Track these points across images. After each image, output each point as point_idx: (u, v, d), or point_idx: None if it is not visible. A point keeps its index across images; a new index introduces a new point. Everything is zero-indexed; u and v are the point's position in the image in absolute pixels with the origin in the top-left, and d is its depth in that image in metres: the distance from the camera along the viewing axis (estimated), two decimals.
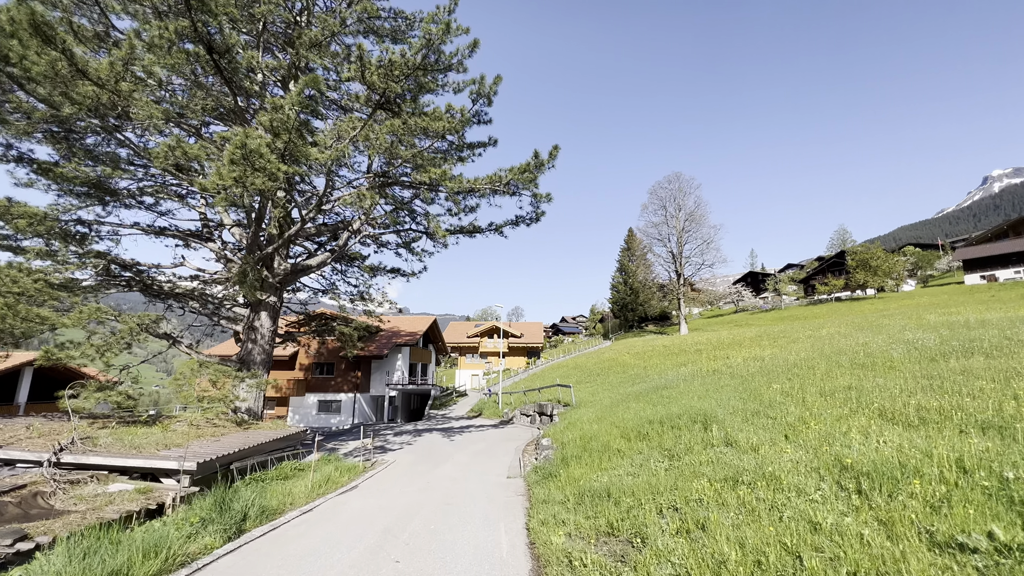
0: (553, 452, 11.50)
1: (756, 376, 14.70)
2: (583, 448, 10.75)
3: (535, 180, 12.80)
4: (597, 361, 34.76)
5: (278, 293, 16.76)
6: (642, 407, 14.01)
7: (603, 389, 22.18)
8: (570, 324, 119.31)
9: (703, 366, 20.79)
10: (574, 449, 10.84)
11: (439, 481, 10.74)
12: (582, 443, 11.21)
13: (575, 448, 10.93)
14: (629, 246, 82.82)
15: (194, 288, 16.19)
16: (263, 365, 16.03)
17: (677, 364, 24.13)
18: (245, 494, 7.61)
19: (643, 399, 15.74)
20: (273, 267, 16.73)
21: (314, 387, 38.39)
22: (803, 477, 5.25)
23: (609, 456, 9.62)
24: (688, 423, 9.96)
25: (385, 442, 21.63)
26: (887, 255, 69.86)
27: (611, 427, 12.07)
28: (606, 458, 9.52)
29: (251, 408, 15.38)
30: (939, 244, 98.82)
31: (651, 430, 10.34)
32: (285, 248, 16.92)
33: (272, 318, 16.48)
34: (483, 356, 62.71)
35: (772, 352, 20.37)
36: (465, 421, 26.93)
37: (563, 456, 10.35)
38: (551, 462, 10.46)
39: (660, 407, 13.04)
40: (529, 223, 14.77)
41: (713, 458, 7.17)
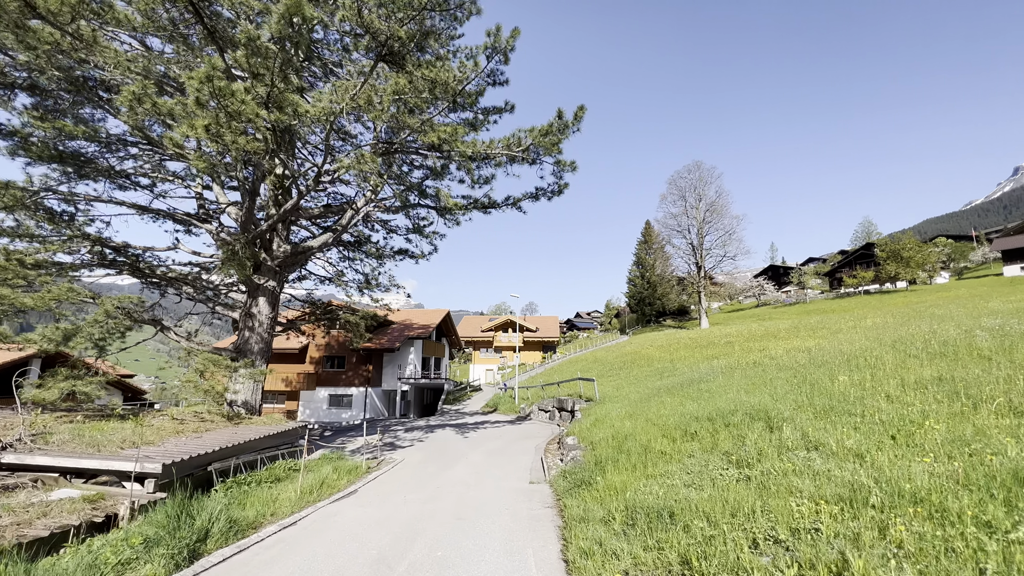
0: (582, 453, 9.95)
1: (809, 368, 12.95)
2: (618, 449, 9.19)
3: (558, 144, 11.21)
4: (618, 355, 33.04)
5: (277, 277, 15.47)
6: (680, 402, 12.38)
7: (628, 383, 20.54)
8: (585, 320, 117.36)
9: (740, 358, 19.01)
10: (607, 450, 9.27)
11: (450, 486, 9.28)
12: (616, 443, 9.64)
13: (608, 448, 9.37)
14: (646, 239, 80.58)
15: (188, 273, 14.96)
16: (261, 355, 14.76)
17: (708, 357, 22.35)
18: (214, 503, 6.24)
19: (678, 393, 14.10)
20: (272, 249, 15.44)
21: (325, 381, 37.40)
22: (970, 498, 3.62)
23: (652, 459, 8.04)
24: (746, 421, 8.34)
25: (395, 439, 20.33)
26: (919, 245, 66.45)
27: (648, 424, 10.48)
28: (649, 462, 7.95)
29: (247, 401, 14.13)
30: (973, 235, 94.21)
31: (700, 429, 8.73)
32: (284, 227, 15.61)
33: (271, 304, 15.20)
34: (497, 351, 61.32)
35: (816, 343, 18.49)
36: (480, 417, 25.53)
37: (596, 458, 8.79)
38: (582, 465, 8.92)
39: (703, 402, 11.41)
40: (551, 196, 13.17)
41: (800, 466, 5.55)
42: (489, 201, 13.64)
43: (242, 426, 10.99)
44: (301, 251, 15.37)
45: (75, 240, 12.76)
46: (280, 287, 15.81)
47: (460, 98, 12.37)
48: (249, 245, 13.00)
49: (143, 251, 15.03)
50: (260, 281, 15.00)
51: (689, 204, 65.89)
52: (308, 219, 17.67)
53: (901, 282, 68.31)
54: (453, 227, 17.50)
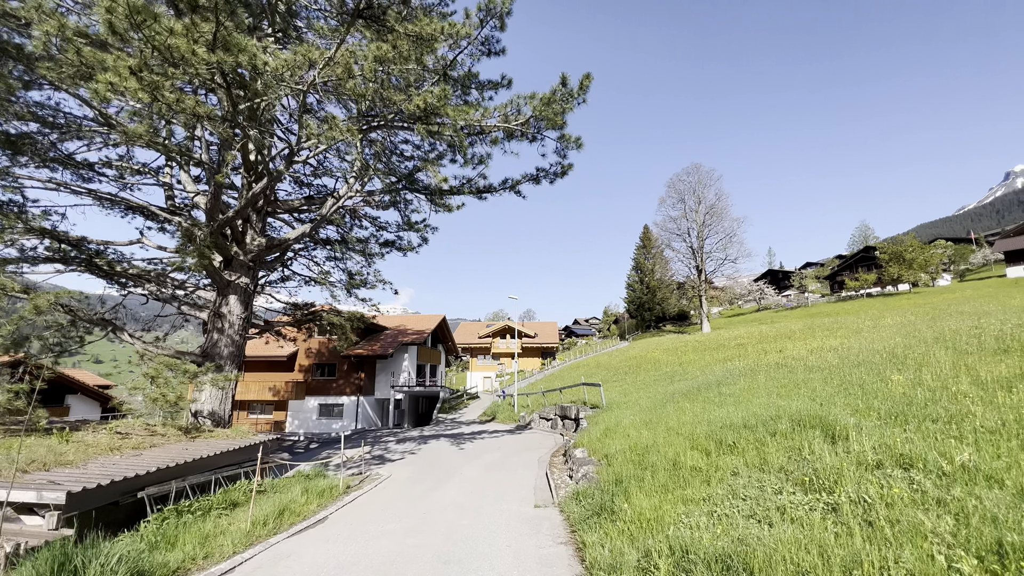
0: (595, 469, 8.45)
1: (845, 368, 11.54)
2: (639, 464, 7.70)
3: (562, 115, 9.83)
4: (622, 359, 31.54)
5: (251, 274, 13.98)
6: (702, 408, 10.92)
7: (636, 388, 19.05)
8: (583, 326, 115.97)
9: (757, 360, 17.58)
10: (627, 465, 7.78)
11: (440, 512, 7.75)
12: (636, 456, 8.16)
13: (627, 464, 7.88)
14: (645, 243, 79.47)
15: (151, 269, 13.44)
16: (232, 359, 13.22)
17: (720, 359, 20.91)
18: (123, 546, 4.73)
19: (696, 398, 12.65)
20: (244, 242, 13.96)
21: (314, 390, 35.71)
22: None
23: (684, 478, 6.56)
24: (796, 429, 6.89)
25: (385, 451, 18.75)
26: (922, 246, 65.47)
27: (670, 434, 9.00)
28: (682, 481, 6.47)
29: (214, 411, 12.57)
30: (972, 237, 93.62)
31: (738, 439, 7.26)
32: (259, 219, 14.14)
33: (244, 303, 13.69)
34: (495, 357, 59.68)
35: (840, 343, 17.09)
36: (477, 426, 23.95)
37: (614, 476, 7.30)
38: (597, 485, 7.43)
39: (731, 408, 9.95)
40: (553, 178, 11.78)
41: (908, 493, 4.10)
42: (485, 185, 12.23)
43: (199, 441, 9.46)
44: (277, 244, 13.90)
45: (13, 230, 11.26)
46: (254, 285, 14.31)
47: (452, 70, 11.01)
48: (217, 234, 11.53)
49: (102, 246, 13.53)
50: (231, 277, 13.51)
51: (689, 207, 64.85)
52: (288, 212, 16.22)
53: (903, 285, 67.35)
54: (445, 215, 16.06)
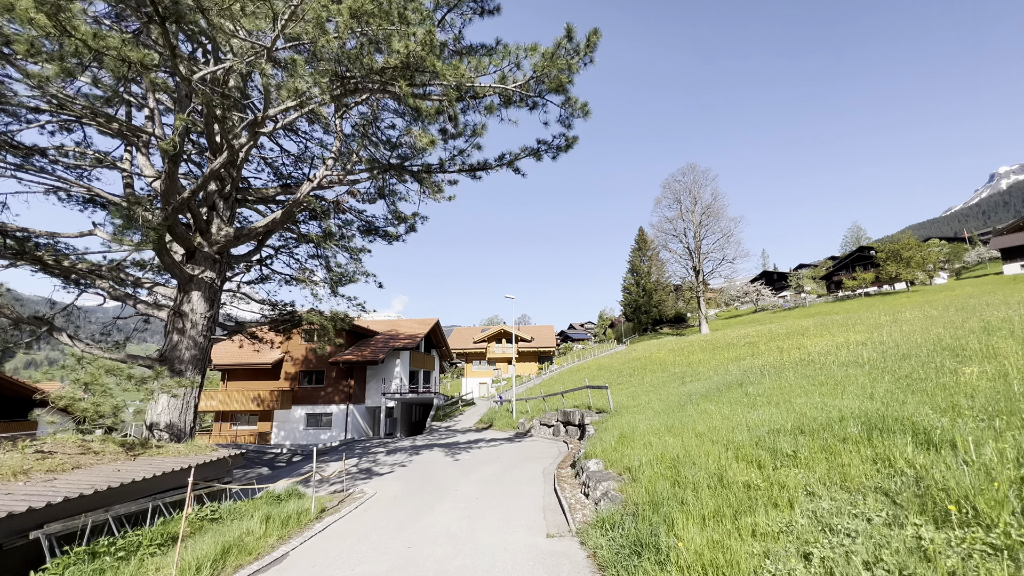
0: (618, 486, 7.00)
1: (892, 362, 10.20)
2: (674, 480, 6.26)
3: (568, 73, 8.44)
4: (624, 361, 30.13)
5: (217, 268, 12.45)
6: (731, 410, 9.52)
7: (645, 391, 17.63)
8: (578, 331, 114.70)
9: (776, 358, 16.24)
10: (659, 482, 6.32)
11: (428, 544, 6.26)
12: (667, 471, 6.71)
13: (660, 480, 6.42)
14: (640, 245, 78.56)
15: (102, 264, 11.88)
16: (194, 364, 11.66)
17: (733, 358, 19.57)
18: None
19: (719, 399, 11.26)
20: (210, 232, 12.44)
21: (301, 399, 33.96)
22: None
23: (739, 499, 5.13)
24: (872, 435, 5.50)
25: (373, 463, 17.18)
26: (920, 245, 65.06)
27: (703, 442, 7.58)
28: (736, 503, 5.03)
29: (173, 424, 10.98)
30: (965, 236, 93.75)
31: (798, 447, 5.86)
32: (227, 206, 12.64)
33: (208, 301, 12.14)
34: (491, 363, 58.08)
35: (866, 337, 15.78)
36: (473, 434, 22.40)
37: (648, 497, 5.84)
38: (625, 508, 5.98)
39: (768, 409, 8.57)
40: (556, 152, 10.39)
41: None
42: (479, 161, 10.82)
43: (142, 459, 7.92)
44: (247, 234, 12.38)
45: None
46: (221, 280, 12.77)
47: (440, 29, 9.62)
48: (174, 219, 10.02)
49: (47, 237, 11.97)
50: (194, 271, 11.98)
51: (685, 207, 64.03)
52: (262, 202, 14.72)
53: (899, 284, 66.97)
54: (437, 207, 14.66)
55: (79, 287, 12.30)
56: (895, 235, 77.68)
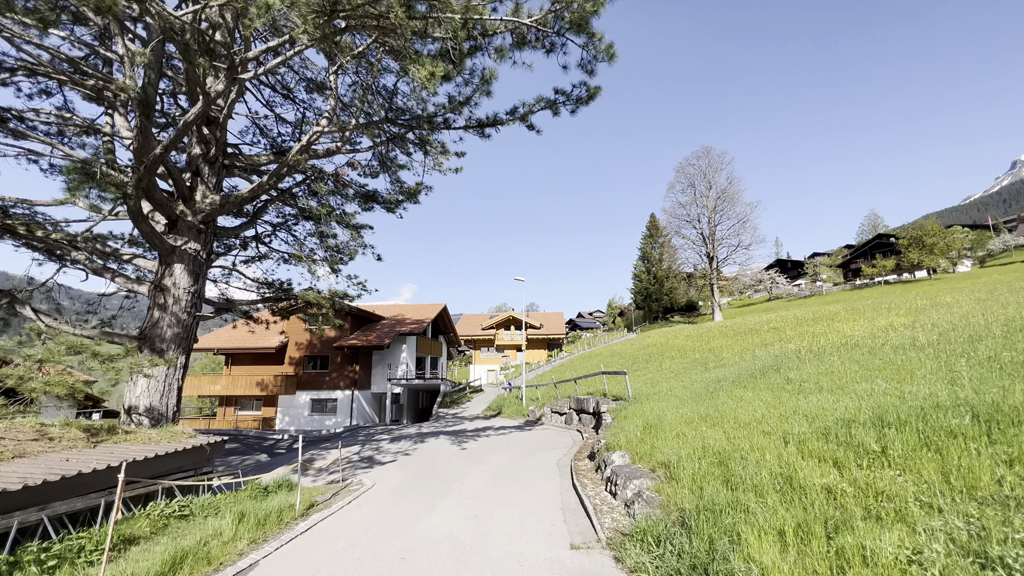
0: (653, 485, 5.87)
1: (960, 345, 8.93)
2: (726, 480, 5.12)
3: (593, 5, 7.12)
4: (638, 347, 28.92)
5: (203, 239, 11.41)
6: (775, 398, 8.35)
7: (665, 377, 16.46)
8: (587, 319, 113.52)
9: (809, 343, 14.95)
10: (708, 483, 5.18)
11: (426, 556, 5.19)
12: (715, 468, 5.56)
13: (708, 480, 5.28)
14: (652, 232, 76.90)
15: (77, 234, 10.87)
16: (177, 343, 10.68)
17: (758, 344, 18.30)
18: None
19: (755, 386, 10.08)
20: (193, 200, 11.37)
21: (306, 384, 33.24)
22: None
23: (822, 508, 3.98)
24: (990, 428, 4.30)
25: (376, 451, 16.27)
26: (943, 231, 62.69)
27: (750, 433, 6.42)
28: (821, 515, 3.87)
29: (152, 407, 10.03)
30: (989, 224, 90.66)
31: (886, 443, 4.67)
32: (212, 171, 11.53)
33: (193, 274, 11.12)
34: (499, 350, 57.15)
35: (911, 320, 14.41)
36: (481, 422, 21.43)
37: (701, 503, 4.68)
38: (668, 514, 4.85)
39: (822, 396, 7.39)
40: (576, 104, 9.09)
41: None
42: (488, 116, 9.54)
43: (102, 447, 6.95)
44: (233, 202, 11.29)
45: None
46: (207, 253, 11.73)
47: None
48: (150, 180, 8.94)
49: (22, 206, 10.97)
50: (176, 242, 10.94)
51: (699, 192, 62.15)
52: (253, 170, 13.60)
53: (920, 272, 64.91)
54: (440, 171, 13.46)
55: (58, 261, 11.33)
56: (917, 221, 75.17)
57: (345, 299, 14.78)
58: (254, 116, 16.86)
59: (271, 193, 15.61)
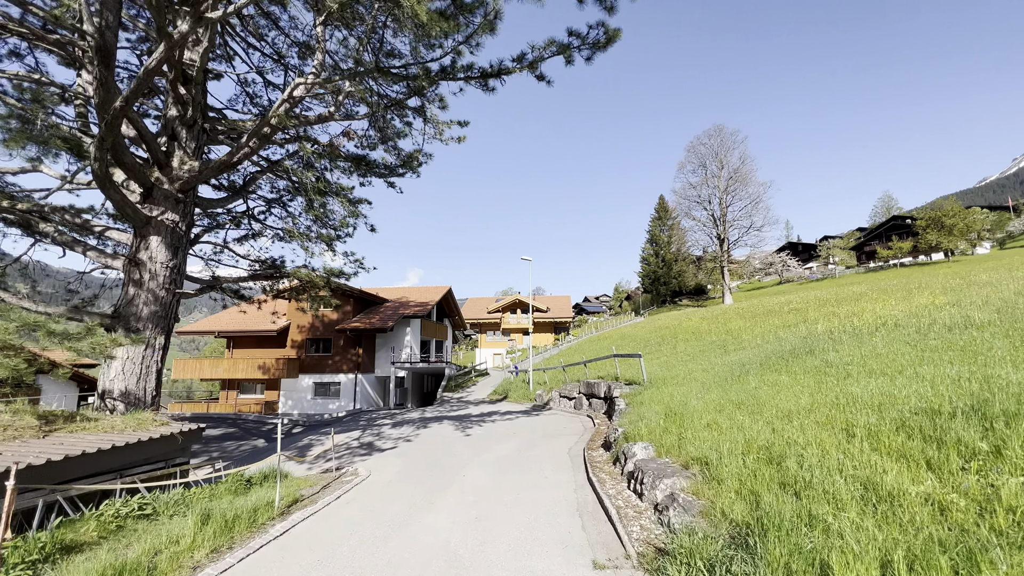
0: (687, 485, 4.93)
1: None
2: (783, 484, 4.16)
3: None
4: (650, 330, 27.92)
5: (182, 209, 10.46)
6: (817, 383, 7.35)
7: (681, 361, 15.49)
8: (593, 304, 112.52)
9: (840, 324, 13.85)
10: (763, 485, 4.23)
11: (418, 573, 4.30)
12: (770, 469, 4.59)
13: (760, 481, 4.32)
14: (660, 214, 75.22)
15: (44, 205, 9.94)
16: (155, 321, 9.81)
17: (781, 326, 17.22)
18: None
19: (788, 370, 9.08)
20: (170, 166, 10.39)
21: (308, 367, 32.64)
22: None
23: (929, 526, 3.02)
24: None
25: (376, 436, 15.53)
26: (963, 211, 60.54)
27: (804, 424, 5.43)
28: (937, 535, 2.91)
29: (128, 391, 9.21)
30: (1009, 205, 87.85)
31: (999, 441, 3.66)
32: (189, 135, 10.52)
33: (171, 248, 10.20)
34: (506, 333, 56.41)
35: (949, 299, 13.27)
36: (487, 406, 20.64)
37: (763, 514, 3.73)
38: (716, 525, 3.90)
39: (881, 381, 6.37)
40: (591, 50, 7.87)
41: None
42: (492, 65, 8.37)
43: (53, 437, 6.08)
44: (214, 167, 10.30)
45: None
46: (187, 225, 10.79)
47: None
48: (112, 135, 7.95)
49: None
50: (152, 213, 10.00)
51: (710, 172, 60.35)
52: (238, 136, 12.55)
53: (936, 254, 63.11)
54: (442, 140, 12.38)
55: (28, 234, 10.44)
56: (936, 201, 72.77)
57: (341, 277, 13.84)
58: (243, 82, 15.77)
59: (261, 164, 14.62)
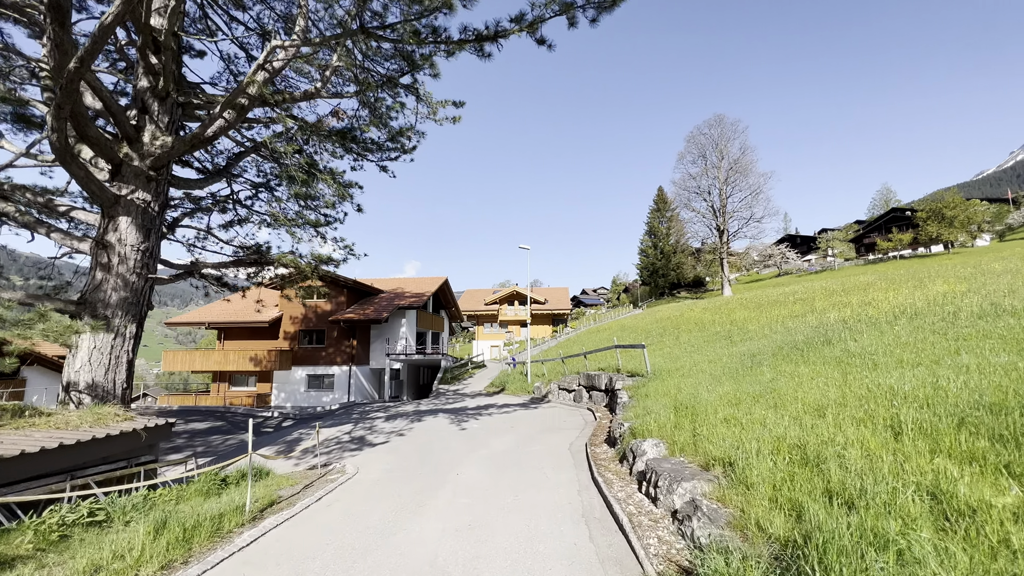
0: (710, 490, 4.30)
1: None
2: (828, 492, 3.53)
3: None
4: (650, 321, 27.32)
5: (154, 188, 9.72)
6: (844, 375, 6.72)
7: (685, 352, 14.88)
8: (591, 296, 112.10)
9: (853, 313, 13.26)
10: (804, 493, 3.61)
11: None
12: (805, 474, 3.95)
13: (799, 489, 3.70)
14: (659, 206, 74.51)
15: (3, 183, 9.19)
16: (125, 309, 9.11)
17: (788, 316, 16.62)
18: None
19: (804, 360, 8.48)
20: (141, 140, 9.63)
21: (302, 359, 31.99)
22: None
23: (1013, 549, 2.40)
24: None
25: (368, 430, 14.92)
26: (964, 203, 60.12)
27: (838, 420, 4.81)
28: (1017, 563, 2.30)
29: (95, 382, 8.53)
30: (1009, 198, 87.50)
31: None
32: (162, 108, 9.76)
33: (142, 230, 9.47)
34: (503, 325, 55.80)
35: (968, 287, 12.68)
36: (483, 399, 20.05)
37: (804, 530, 3.10)
38: (751, 543, 3.28)
39: (917, 372, 5.75)
40: (597, 10, 7.14)
41: None
42: (488, 26, 7.59)
43: None
44: (188, 141, 9.54)
45: None
46: (162, 206, 10.06)
47: None
48: (69, 100, 7.21)
49: None
50: (120, 191, 9.26)
51: (710, 163, 59.54)
52: (204, 105, 11.75)
53: (936, 246, 62.83)
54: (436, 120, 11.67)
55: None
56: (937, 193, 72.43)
57: (330, 264, 13.14)
58: (227, 59, 14.94)
59: (245, 144, 13.85)
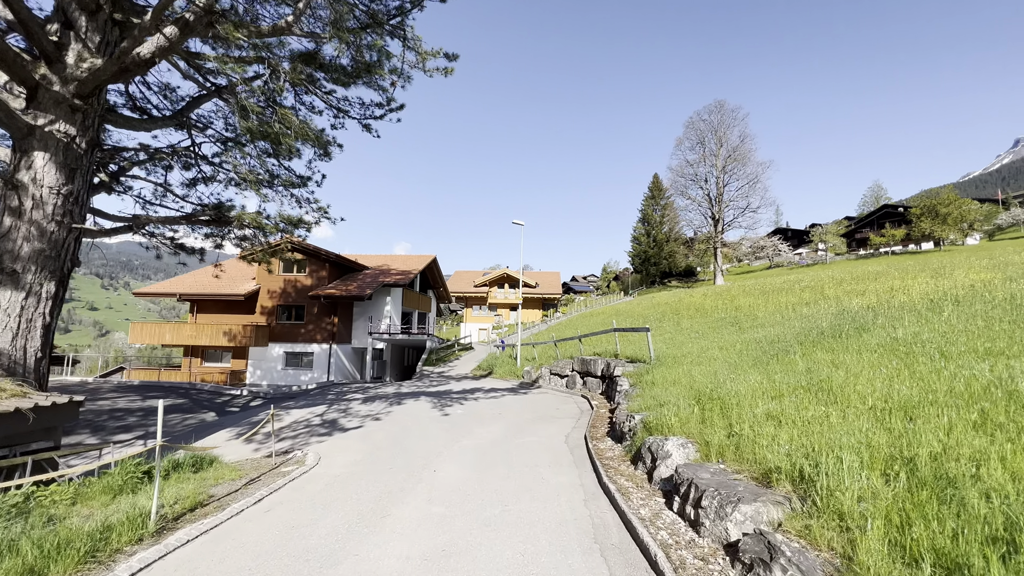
0: (779, 517, 3.04)
1: None
2: (995, 538, 2.33)
3: None
4: (647, 306, 26.17)
5: (79, 120, 8.09)
6: (909, 366, 5.53)
7: (690, 338, 13.69)
8: (581, 283, 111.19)
9: (876, 300, 12.15)
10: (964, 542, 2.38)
11: None
12: (932, 502, 2.73)
13: (929, 526, 2.48)
14: (654, 193, 73.14)
15: None
16: (40, 263, 7.58)
17: (798, 303, 15.50)
18: None
19: (845, 349, 7.30)
20: (64, 61, 7.97)
21: (279, 335, 30.38)
22: None
23: None
24: None
25: (343, 413, 13.63)
26: (959, 200, 59.82)
27: (957, 427, 3.59)
28: None
29: (4, 352, 7.03)
30: (999, 198, 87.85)
31: None
32: (94, 26, 8.10)
33: (65, 169, 7.88)
34: (492, 308, 54.48)
35: (996, 275, 11.62)
36: (469, 382, 18.80)
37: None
38: None
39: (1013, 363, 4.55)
40: None
41: None
42: None
43: None
44: (118, 61, 7.89)
45: None
46: (91, 143, 8.43)
47: None
48: None
49: None
50: (36, 121, 7.65)
51: (708, 150, 58.04)
52: None
53: (926, 244, 62.67)
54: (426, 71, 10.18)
55: None
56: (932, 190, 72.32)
57: (300, 226, 11.62)
58: None
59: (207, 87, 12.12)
